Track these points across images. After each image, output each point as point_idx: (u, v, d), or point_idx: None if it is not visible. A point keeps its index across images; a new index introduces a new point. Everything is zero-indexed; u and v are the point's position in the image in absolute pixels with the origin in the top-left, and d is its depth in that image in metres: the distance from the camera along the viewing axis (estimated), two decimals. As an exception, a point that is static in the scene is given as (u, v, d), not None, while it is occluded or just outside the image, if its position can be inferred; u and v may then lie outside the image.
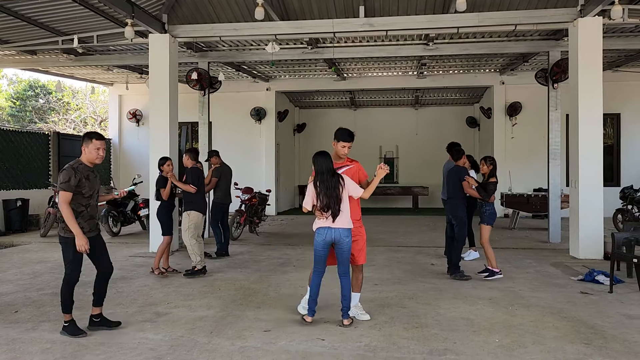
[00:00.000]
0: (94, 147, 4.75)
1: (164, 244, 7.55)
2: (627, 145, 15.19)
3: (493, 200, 7.32)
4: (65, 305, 4.72)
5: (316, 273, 5.11)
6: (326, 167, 4.99)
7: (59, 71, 14.70)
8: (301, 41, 11.23)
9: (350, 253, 5.09)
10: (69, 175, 4.59)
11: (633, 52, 12.36)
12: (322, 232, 4.99)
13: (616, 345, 4.45)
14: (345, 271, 5.06)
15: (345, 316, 5.04)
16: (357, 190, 5.08)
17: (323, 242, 4.99)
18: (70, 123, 28.01)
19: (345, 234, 4.97)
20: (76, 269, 4.71)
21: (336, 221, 4.94)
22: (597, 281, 6.79)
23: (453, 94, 17.84)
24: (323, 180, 4.96)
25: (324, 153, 5.10)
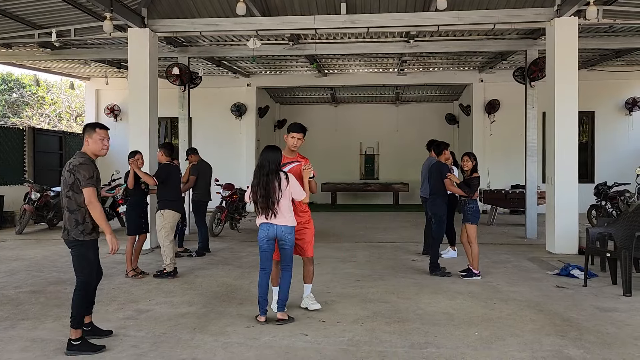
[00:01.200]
0: (99, 137, 4.37)
1: (128, 245, 7.18)
2: (601, 143, 15.54)
3: (476, 197, 7.21)
4: (80, 319, 4.28)
5: (263, 272, 5.04)
6: (269, 162, 4.91)
7: (34, 65, 14.41)
8: (282, 37, 11.22)
9: (293, 249, 5.08)
10: (91, 169, 4.24)
11: (607, 52, 12.64)
12: (264, 228, 4.97)
13: (590, 337, 4.59)
14: (287, 266, 5.06)
15: (279, 309, 5.03)
16: (300, 194, 5.02)
17: (266, 238, 4.96)
18: (44, 118, 27.49)
19: (288, 231, 4.95)
20: (92, 274, 4.37)
21: (278, 218, 4.89)
22: (572, 275, 6.97)
23: (433, 91, 17.99)
24: (262, 175, 4.89)
25: (273, 147, 5.07)
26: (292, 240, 5.00)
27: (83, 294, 4.27)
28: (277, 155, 4.99)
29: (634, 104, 15.06)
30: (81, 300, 4.26)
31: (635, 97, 15.08)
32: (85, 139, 4.40)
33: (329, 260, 8.08)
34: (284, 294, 5.07)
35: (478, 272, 7.05)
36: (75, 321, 4.22)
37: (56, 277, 7.00)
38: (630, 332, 4.72)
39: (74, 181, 4.23)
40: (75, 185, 4.23)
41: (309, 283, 5.47)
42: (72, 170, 4.24)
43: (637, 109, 15.10)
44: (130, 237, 7.27)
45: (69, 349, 4.19)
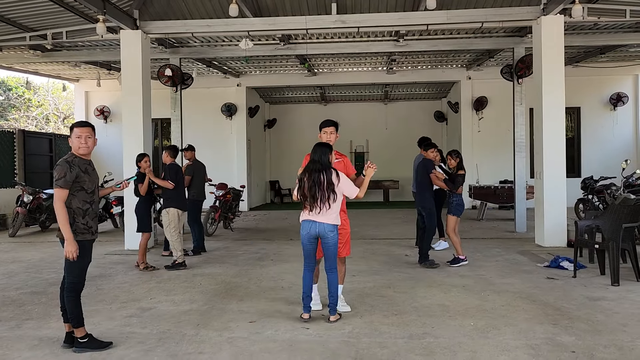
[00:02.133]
0: (75, 136, 4.26)
1: (144, 240, 7.56)
2: (586, 138, 15.85)
3: (460, 191, 7.70)
4: (79, 317, 4.26)
5: (306, 268, 4.99)
6: (321, 158, 4.87)
7: (23, 67, 14.37)
8: (273, 37, 11.33)
9: (337, 248, 4.98)
10: (63, 170, 4.14)
11: (592, 49, 12.92)
12: (306, 226, 4.93)
13: (581, 325, 4.77)
14: (332, 267, 4.96)
15: (332, 312, 4.96)
16: (353, 190, 4.94)
17: (307, 236, 4.92)
18: (32, 120, 27.30)
19: (330, 229, 4.86)
20: (83, 276, 4.31)
21: (322, 215, 4.84)
22: (562, 267, 7.17)
23: (421, 89, 18.21)
24: (313, 171, 4.84)
25: (325, 144, 5.01)
26: (335, 239, 4.89)
27: (74, 295, 4.25)
28: (327, 151, 4.90)
29: (618, 99, 15.39)
30: (75, 300, 4.25)
31: (620, 92, 15.42)
32: (69, 140, 4.35)
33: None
34: (334, 298, 4.94)
35: (464, 256, 7.44)
36: (76, 320, 4.25)
37: (55, 278, 7.04)
38: (618, 320, 4.91)
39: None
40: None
41: (340, 284, 5.32)
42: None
43: (621, 104, 15.44)
44: (145, 234, 7.59)
45: (77, 346, 4.26)
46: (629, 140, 15.68)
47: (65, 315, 4.34)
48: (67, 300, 4.25)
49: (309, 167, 4.90)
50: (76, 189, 4.21)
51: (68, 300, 4.25)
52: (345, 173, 5.11)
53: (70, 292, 4.25)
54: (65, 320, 4.37)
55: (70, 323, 4.28)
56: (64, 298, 4.29)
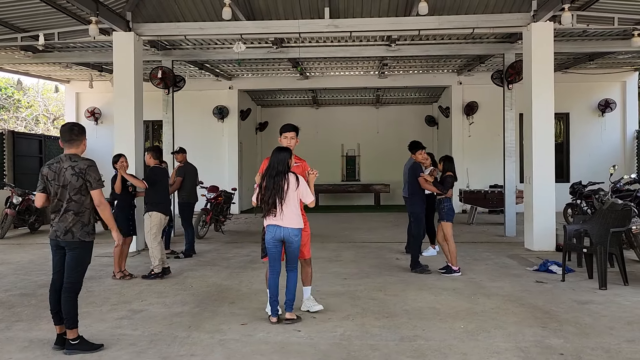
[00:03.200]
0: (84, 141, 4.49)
1: (118, 247, 7.12)
2: (575, 143, 16.03)
3: (451, 195, 7.53)
4: (75, 319, 4.30)
5: (273, 273, 5.05)
6: (278, 163, 4.94)
7: (13, 68, 14.27)
8: (266, 40, 11.35)
9: (299, 250, 5.10)
10: (98, 171, 4.36)
11: (580, 55, 13.09)
12: (271, 230, 4.98)
13: (569, 328, 4.83)
14: (293, 267, 5.11)
15: (288, 309, 5.04)
16: (310, 197, 5.04)
17: (272, 240, 4.98)
18: (21, 121, 27.09)
19: (295, 233, 4.98)
20: (83, 276, 4.41)
21: (285, 220, 4.92)
22: (551, 271, 7.25)
23: (413, 93, 18.32)
24: (272, 176, 4.91)
25: (283, 148, 5.10)
26: (298, 242, 5.02)
27: (73, 295, 4.29)
28: (286, 156, 5.00)
29: (607, 105, 15.59)
30: (73, 301, 4.28)
31: (608, 99, 15.61)
32: (82, 141, 4.45)
33: (316, 261, 8.17)
34: (292, 295, 5.07)
35: (457, 268, 7.29)
36: (71, 321, 4.26)
37: (45, 280, 6.99)
38: (606, 323, 4.98)
39: (82, 184, 4.28)
40: (84, 187, 4.29)
41: (308, 285, 5.47)
42: (81, 173, 4.27)
43: (609, 110, 15.63)
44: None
45: (68, 348, 4.25)
46: (617, 146, 15.88)
47: (56, 317, 4.33)
48: (65, 301, 4.26)
49: (269, 172, 4.95)
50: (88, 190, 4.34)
51: (66, 300, 4.26)
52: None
53: (70, 293, 4.28)
54: (55, 322, 4.36)
55: (65, 324, 4.29)
56: (61, 299, 4.28)
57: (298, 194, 4.99)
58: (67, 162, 4.31)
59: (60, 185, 4.29)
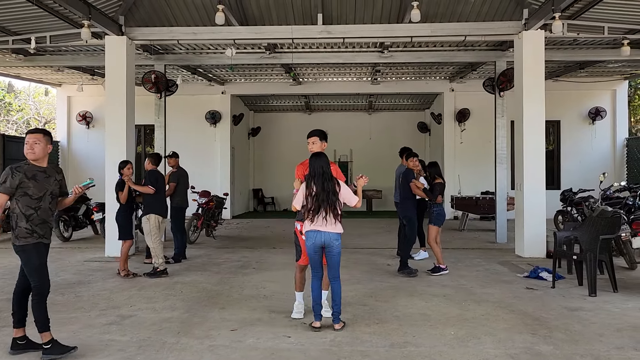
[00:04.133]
0: (25, 142, 4.33)
1: (125, 248, 7.53)
2: (566, 151, 16.13)
3: (440, 201, 7.80)
4: (44, 322, 4.24)
5: (315, 278, 5.04)
6: (324, 168, 4.92)
7: (4, 71, 14.19)
8: (259, 46, 11.36)
9: (340, 256, 5.06)
10: (5, 176, 4.23)
11: (571, 63, 13.21)
12: (311, 236, 4.95)
13: (559, 335, 4.84)
14: (335, 276, 5.02)
15: (336, 320, 4.97)
16: (353, 198, 5.04)
17: (313, 246, 4.95)
18: (12, 125, 26.90)
19: (335, 238, 4.94)
20: (45, 277, 4.29)
21: (329, 225, 4.90)
22: (541, 277, 7.27)
23: (405, 99, 18.39)
24: (324, 180, 4.88)
25: (320, 154, 5.06)
26: (339, 247, 4.98)
27: (38, 298, 4.24)
28: (328, 161, 5.00)
29: (597, 113, 15.72)
30: (39, 304, 4.24)
31: (598, 107, 15.75)
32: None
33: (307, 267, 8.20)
34: (338, 306, 4.98)
35: (445, 266, 7.53)
36: (41, 324, 4.23)
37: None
38: (595, 330, 5.00)
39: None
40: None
41: (326, 290, 5.38)
42: None
43: (599, 118, 15.77)
44: (126, 242, 7.55)
45: (44, 354, 4.21)
46: (607, 154, 16.00)
47: (16, 319, 4.36)
48: (32, 304, 4.24)
49: (315, 177, 4.90)
50: (20, 194, 4.23)
51: (33, 304, 4.23)
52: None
53: (34, 296, 4.24)
54: (14, 325, 4.37)
55: (37, 327, 4.24)
56: (31, 303, 4.26)
57: (342, 198, 4.99)
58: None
59: None
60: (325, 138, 5.40)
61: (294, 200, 5.05)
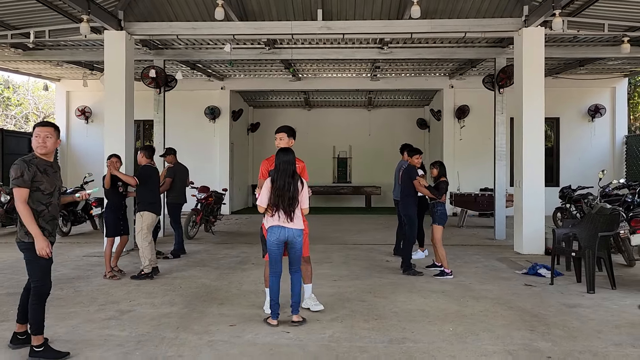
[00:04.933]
0: (34, 135, 4.18)
1: (108, 246, 7.27)
2: (565, 148, 16.13)
3: (444, 200, 7.63)
4: (39, 325, 4.12)
5: (274, 276, 5.04)
6: (290, 164, 5.00)
7: (3, 65, 14.12)
8: (259, 41, 11.33)
9: (302, 251, 5.15)
10: (21, 169, 4.02)
11: (571, 61, 13.19)
12: (275, 231, 4.98)
13: (557, 331, 4.86)
14: (297, 269, 5.15)
15: (294, 312, 5.05)
16: (306, 201, 5.13)
17: (277, 241, 4.98)
18: (10, 119, 26.87)
19: (298, 234, 5.03)
20: (46, 279, 4.16)
21: (291, 221, 4.95)
22: (540, 274, 7.29)
23: (405, 96, 18.36)
24: (287, 177, 4.94)
25: (287, 150, 5.14)
26: (301, 243, 5.08)
27: (37, 300, 4.11)
28: (293, 157, 5.07)
29: (596, 111, 15.71)
30: (37, 305, 4.11)
31: (598, 104, 15.74)
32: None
33: (306, 262, 8.22)
34: (297, 297, 5.09)
35: (449, 271, 7.34)
36: (35, 327, 4.11)
37: (32, 279, 6.93)
38: (593, 326, 5.01)
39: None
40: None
41: (308, 283, 5.50)
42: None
43: (599, 115, 15.76)
44: (109, 239, 7.32)
45: (31, 355, 4.10)
46: (606, 151, 16.00)
47: (20, 316, 4.27)
48: (30, 305, 4.11)
49: (281, 173, 4.96)
50: (32, 189, 4.08)
51: (31, 305, 4.10)
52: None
53: (33, 297, 4.12)
54: (18, 320, 4.29)
55: (30, 329, 4.15)
56: (28, 303, 4.15)
57: (301, 196, 5.05)
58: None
59: None
60: (293, 135, 5.49)
61: (259, 199, 5.04)
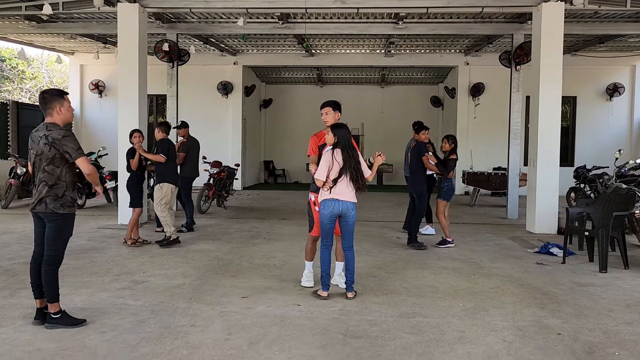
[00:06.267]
0: (69, 105, 4.26)
1: (135, 216, 7.60)
2: (581, 128, 15.90)
3: (451, 176, 7.79)
4: (55, 292, 4.16)
5: (326, 248, 5.05)
6: (347, 139, 4.95)
7: (17, 38, 14.16)
8: (272, 15, 11.22)
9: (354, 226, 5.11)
10: (76, 140, 4.16)
11: (591, 37, 12.90)
12: (329, 205, 4.95)
13: (568, 309, 4.85)
14: (349, 245, 5.10)
15: (349, 289, 5.06)
16: (367, 171, 5.09)
17: (330, 215, 4.97)
18: (25, 92, 27.02)
19: (352, 207, 5.00)
20: (64, 249, 4.24)
21: (345, 194, 4.93)
22: (551, 253, 7.26)
23: (419, 73, 18.14)
24: (350, 149, 4.92)
25: (342, 125, 5.06)
26: (354, 217, 5.04)
27: (53, 268, 4.16)
28: (349, 131, 5.04)
29: (615, 89, 15.41)
30: (53, 274, 4.16)
31: (617, 83, 15.43)
32: (55, 108, 4.19)
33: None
34: (352, 275, 5.07)
35: (451, 239, 7.57)
36: (52, 295, 4.14)
37: (48, 250, 7.06)
38: (604, 305, 5.00)
39: (54, 154, 4.08)
40: (57, 158, 4.10)
41: (342, 261, 5.41)
42: (54, 143, 4.06)
43: (617, 94, 15.46)
44: (136, 209, 7.61)
45: (49, 322, 4.15)
46: (624, 131, 15.75)
47: (37, 291, 4.22)
48: (44, 274, 4.14)
49: (342, 146, 4.91)
50: (68, 160, 4.13)
51: (46, 273, 4.14)
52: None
53: (49, 265, 4.15)
54: (35, 295, 4.24)
55: (46, 297, 4.16)
56: (41, 272, 4.16)
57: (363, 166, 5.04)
58: (43, 131, 4.14)
59: (35, 154, 4.16)
60: (339, 108, 5.42)
61: (317, 172, 4.96)
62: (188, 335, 4.07)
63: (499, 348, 3.92)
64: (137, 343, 3.89)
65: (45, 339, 3.96)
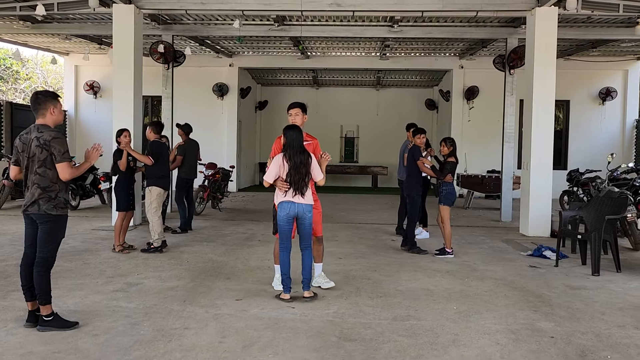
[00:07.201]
0: (61, 107, 4.24)
1: (119, 220, 7.30)
2: (574, 131, 16.00)
3: (450, 180, 7.51)
4: (47, 294, 4.15)
5: (284, 251, 5.08)
6: (297, 142, 5.04)
7: (12, 38, 14.10)
8: (268, 18, 11.23)
9: (312, 227, 5.18)
10: (65, 143, 4.14)
11: (584, 42, 12.99)
12: (285, 207, 5.03)
13: (560, 312, 4.88)
14: (307, 245, 5.17)
15: (305, 288, 5.13)
16: (319, 174, 5.16)
17: (286, 217, 5.03)
18: (19, 93, 26.90)
19: (308, 209, 5.08)
20: (56, 251, 4.25)
21: (300, 196, 5.00)
22: (545, 256, 7.30)
23: (414, 76, 18.20)
24: (293, 155, 4.98)
25: (295, 127, 5.17)
26: (311, 219, 5.11)
27: (45, 270, 4.15)
28: (301, 134, 5.11)
29: (608, 94, 15.53)
30: (45, 276, 4.15)
31: (609, 87, 15.54)
32: (49, 109, 4.17)
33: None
34: (309, 273, 5.15)
35: (451, 250, 7.37)
36: (44, 297, 4.13)
37: (41, 251, 7.03)
38: (597, 308, 5.03)
39: (46, 157, 4.07)
40: (48, 161, 4.08)
41: (319, 262, 5.50)
42: (45, 145, 4.05)
43: (610, 99, 15.58)
44: (120, 213, 7.37)
45: (41, 325, 4.13)
46: (616, 135, 15.86)
47: (28, 293, 4.19)
48: (36, 276, 4.12)
49: (290, 150, 5.00)
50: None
51: (38, 275, 4.11)
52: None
53: (41, 267, 4.14)
54: (27, 298, 4.21)
55: (38, 300, 4.15)
56: (33, 274, 4.14)
57: (312, 171, 5.09)
58: (34, 133, 4.12)
59: (28, 156, 4.12)
60: (305, 111, 5.50)
61: (266, 174, 5.09)
62: (182, 338, 4.07)
63: (493, 351, 3.94)
64: (130, 346, 3.89)
65: (37, 341, 3.95)
